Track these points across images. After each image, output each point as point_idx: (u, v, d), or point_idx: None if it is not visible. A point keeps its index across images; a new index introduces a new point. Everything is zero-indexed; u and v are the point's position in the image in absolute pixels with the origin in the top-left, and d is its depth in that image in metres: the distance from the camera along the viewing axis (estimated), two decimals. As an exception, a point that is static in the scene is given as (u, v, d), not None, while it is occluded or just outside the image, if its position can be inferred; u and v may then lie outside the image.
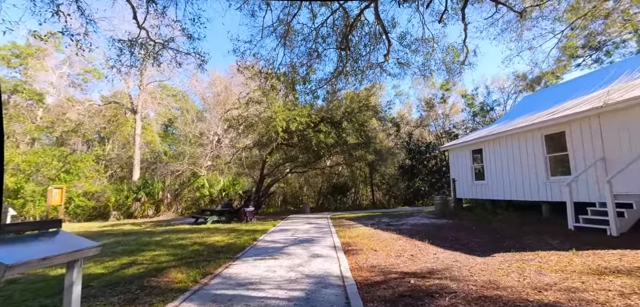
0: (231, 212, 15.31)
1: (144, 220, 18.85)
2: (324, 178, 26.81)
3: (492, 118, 25.37)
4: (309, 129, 15.10)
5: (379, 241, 8.27)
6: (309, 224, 12.81)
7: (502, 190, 11.02)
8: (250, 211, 14.85)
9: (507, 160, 10.79)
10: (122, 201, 20.76)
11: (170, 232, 11.32)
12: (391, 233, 9.36)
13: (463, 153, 13.23)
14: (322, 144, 15.08)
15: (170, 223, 15.78)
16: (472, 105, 25.58)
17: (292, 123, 14.15)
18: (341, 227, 11.57)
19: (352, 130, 16.15)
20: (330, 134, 15.14)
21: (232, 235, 10.11)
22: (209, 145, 22.61)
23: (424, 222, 11.58)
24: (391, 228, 10.51)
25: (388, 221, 12.94)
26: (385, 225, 11.53)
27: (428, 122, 26.40)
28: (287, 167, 23.05)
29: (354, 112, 16.12)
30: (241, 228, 11.95)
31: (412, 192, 24.04)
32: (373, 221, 13.34)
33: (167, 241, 9.09)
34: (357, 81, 10.83)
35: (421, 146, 24.95)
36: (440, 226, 10.23)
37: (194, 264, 6.03)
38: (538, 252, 5.89)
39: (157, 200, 21.81)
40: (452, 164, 14.13)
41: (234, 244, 8.37)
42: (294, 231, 10.90)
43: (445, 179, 24.37)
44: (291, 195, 28.10)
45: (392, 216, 14.87)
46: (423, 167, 24.62)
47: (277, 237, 9.55)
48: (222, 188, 23.49)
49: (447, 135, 26.24)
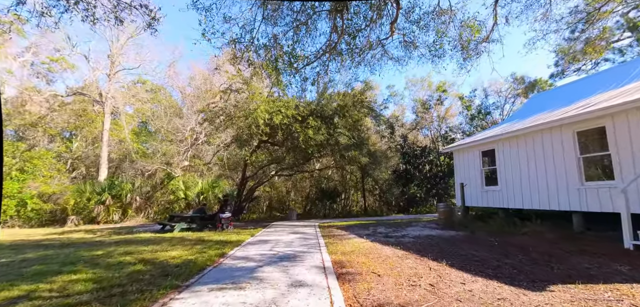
0: (204, 219, 13.26)
1: (105, 226, 16.52)
2: (312, 182, 24.95)
3: (493, 121, 24.15)
4: (295, 123, 13.25)
5: (380, 259, 6.48)
6: (294, 234, 10.92)
7: (519, 197, 9.43)
8: (227, 217, 12.84)
9: (526, 162, 9.23)
10: (83, 204, 18.33)
11: (122, 244, 9.22)
12: (393, 248, 7.59)
13: (471, 155, 11.66)
14: (311, 141, 13.26)
15: (132, 230, 13.59)
16: (469, 108, 24.35)
17: (276, 115, 12.29)
18: (331, 238, 9.73)
19: (345, 128, 14.38)
20: (320, 129, 13.33)
21: (196, 248, 8.12)
22: (184, 142, 20.45)
23: (428, 233, 9.86)
24: (391, 241, 8.74)
25: (385, 230, 11.18)
26: (383, 236, 9.76)
27: (423, 125, 25.01)
28: (273, 170, 21.11)
29: (347, 108, 14.36)
30: (211, 239, 9.95)
31: (407, 198, 22.45)
32: (367, 230, 11.57)
33: (106, 257, 7.03)
34: (353, 64, 9.09)
35: (416, 150, 23.46)
36: (450, 240, 8.51)
37: (116, 300, 4.07)
38: (614, 284, 4.20)
39: (124, 203, 19.43)
40: (457, 167, 12.56)
41: (193, 261, 6.41)
42: (275, 242, 8.99)
43: (442, 185, 22.90)
44: (277, 200, 26.09)
45: (388, 225, 13.13)
46: (418, 173, 23.10)
47: (252, 251, 7.63)
48: (200, 191, 21.32)
49: (443, 139, 24.88)
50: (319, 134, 13.09)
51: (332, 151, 14.52)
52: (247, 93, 12.60)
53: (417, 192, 22.04)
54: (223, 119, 13.51)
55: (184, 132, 20.20)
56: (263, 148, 17.80)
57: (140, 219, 19.30)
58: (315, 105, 14.43)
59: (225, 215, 12.79)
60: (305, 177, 24.88)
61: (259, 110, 11.97)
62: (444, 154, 23.93)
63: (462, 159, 12.24)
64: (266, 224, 15.99)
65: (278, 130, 12.98)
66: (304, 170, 21.73)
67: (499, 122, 24.98)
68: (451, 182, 23.39)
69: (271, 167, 21.13)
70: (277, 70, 10.10)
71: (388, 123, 22.97)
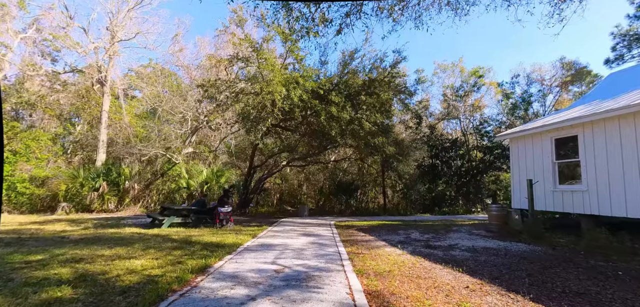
0: (201, 213, 11.24)
1: (96, 216, 14.82)
2: (326, 175, 22.67)
3: (535, 113, 21.03)
4: (315, 99, 10.90)
5: (440, 291, 4.15)
6: (306, 236, 8.68)
7: (622, 201, 6.80)
8: (226, 212, 10.75)
9: (637, 153, 6.58)
10: (75, 190, 16.73)
11: (84, 243, 7.25)
12: (451, 269, 5.22)
13: (538, 144, 8.95)
14: (334, 121, 10.89)
15: (119, 223, 11.72)
16: (509, 96, 21.25)
17: (293, 90, 9.98)
18: (355, 245, 7.44)
19: (374, 108, 11.84)
20: (346, 107, 10.91)
21: (173, 255, 6.00)
22: (184, 125, 18.51)
23: (485, 245, 7.40)
24: (438, 255, 6.38)
25: (421, 236, 8.79)
26: (423, 246, 7.40)
27: (454, 115, 22.15)
28: (284, 160, 18.96)
29: (376, 83, 11.80)
30: (201, 239, 7.83)
31: (433, 197, 19.81)
32: (398, 235, 9.22)
33: (38, 267, 5.00)
34: (395, 12, 6.57)
35: (446, 142, 20.72)
36: (528, 258, 6.04)
37: None
38: None
39: (122, 191, 17.75)
40: (515, 160, 9.88)
41: (155, 281, 4.27)
42: (281, 250, 6.77)
43: (476, 182, 20.13)
44: (288, 193, 23.99)
45: (421, 228, 10.72)
46: (447, 168, 20.39)
47: (247, 265, 5.43)
48: (204, 180, 19.48)
49: (476, 132, 21.97)
50: (344, 112, 10.67)
51: (354, 136, 12.12)
52: (256, 62, 10.33)
53: (446, 190, 19.38)
54: (227, 95, 11.39)
55: (185, 113, 18.20)
56: (273, 133, 15.62)
57: (137, 209, 17.58)
58: (338, 79, 11.97)
59: (225, 209, 10.69)
60: (319, 170, 22.63)
61: (274, 83, 9.71)
62: (479, 147, 21.09)
63: (522, 150, 9.55)
64: (274, 220, 13.88)
65: (295, 109, 10.68)
66: (318, 160, 19.47)
67: (543, 115, 21.83)
68: (486, 180, 20.58)
69: (282, 156, 18.99)
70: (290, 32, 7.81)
71: (415, 112, 20.31)
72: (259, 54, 10.08)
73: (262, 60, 10.17)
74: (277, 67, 10.45)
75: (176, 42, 19.80)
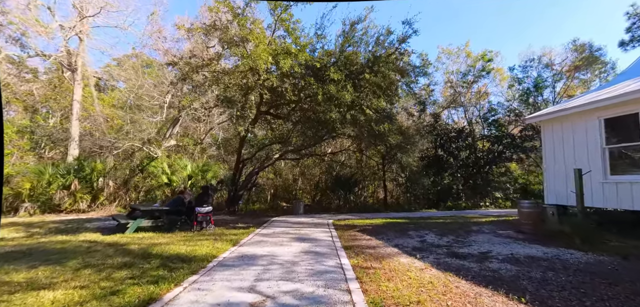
0: (176, 214, 9.57)
1: (62, 218, 13.09)
2: (322, 169, 21.06)
3: (546, 102, 19.48)
4: (309, 77, 9.22)
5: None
6: (300, 242, 7.08)
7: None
8: (206, 212, 9.10)
9: None
10: (42, 188, 14.90)
11: (11, 258, 5.57)
12: (503, 297, 3.69)
13: (579, 127, 7.34)
14: (333, 103, 9.23)
15: (81, 226, 10.02)
16: (521, 81, 19.69)
17: (284, 59, 8.26)
18: (362, 255, 5.86)
19: (379, 88, 10.10)
20: (346, 86, 9.19)
21: (114, 278, 4.37)
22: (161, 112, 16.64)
23: (529, 253, 5.86)
24: (473, 269, 4.85)
25: (439, 240, 7.25)
26: (447, 254, 5.87)
27: (459, 104, 20.57)
28: (276, 152, 17.29)
29: (383, 61, 10.04)
30: (164, 251, 6.17)
31: (438, 191, 18.31)
32: (410, 237, 7.69)
33: None
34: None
35: (451, 132, 19.20)
36: (603, 274, 4.51)
37: None
38: None
39: (96, 189, 15.97)
40: (548, 147, 8.27)
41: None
42: (265, 266, 5.17)
43: (484, 174, 18.65)
44: (283, 188, 22.33)
45: (435, 229, 9.20)
46: (454, 159, 18.89)
47: (209, 298, 3.82)
48: (189, 175, 17.76)
49: (483, 121, 20.47)
50: (344, 92, 8.97)
51: (355, 123, 10.46)
52: (237, 29, 8.60)
53: (452, 183, 17.89)
54: (206, 76, 9.64)
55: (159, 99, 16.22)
56: (263, 122, 13.92)
57: (113, 208, 15.83)
58: (338, 54, 10.22)
59: (204, 209, 9.03)
60: (314, 164, 21.01)
61: (259, 51, 7.98)
62: (486, 137, 19.61)
63: (558, 134, 7.93)
64: (265, 219, 12.27)
65: (285, 88, 8.98)
66: (314, 153, 17.86)
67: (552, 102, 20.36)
68: (496, 171, 19.12)
69: (274, 149, 17.33)
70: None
71: (419, 98, 18.72)
72: (241, 20, 8.35)
73: (242, 25, 8.42)
74: (262, 36, 8.72)
75: (154, 23, 17.90)
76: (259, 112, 11.80)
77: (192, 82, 9.93)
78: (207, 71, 9.79)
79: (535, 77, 19.35)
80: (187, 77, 9.90)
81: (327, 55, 9.99)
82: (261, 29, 9.03)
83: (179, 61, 9.99)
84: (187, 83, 10.10)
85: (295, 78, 9.15)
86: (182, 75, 9.97)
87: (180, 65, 9.83)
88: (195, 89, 9.99)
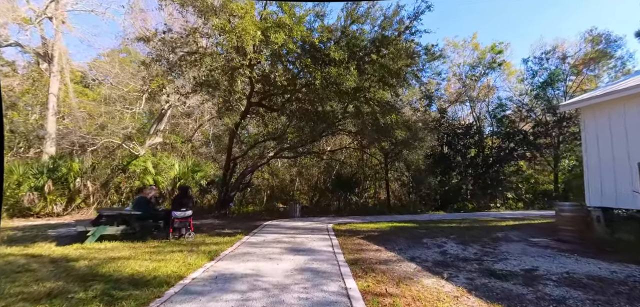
0: (153, 218, 8.22)
1: (28, 223, 11.74)
2: (320, 169, 19.73)
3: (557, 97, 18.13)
4: (307, 59, 7.87)
5: None
6: (293, 255, 5.75)
7: None
8: (184, 216, 7.74)
9: None
10: (10, 190, 13.49)
11: None
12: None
13: (633, 113, 6.01)
14: (333, 89, 7.88)
15: (40, 234, 8.65)
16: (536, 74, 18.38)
17: (275, 34, 6.91)
18: (372, 274, 4.56)
19: (387, 73, 8.70)
20: (350, 68, 7.82)
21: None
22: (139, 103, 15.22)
23: (592, 272, 4.59)
24: (525, 297, 3.52)
25: (459, 249, 5.95)
26: (482, 273, 4.60)
27: (469, 97, 19.24)
28: (271, 150, 15.95)
29: (392, 42, 8.65)
30: (120, 269, 4.83)
31: (446, 191, 17.01)
32: (425, 247, 6.42)
33: None
34: None
35: (459, 128, 17.93)
36: None
37: None
38: None
39: (73, 190, 14.59)
40: (593, 139, 6.88)
41: None
42: (245, 292, 3.86)
43: (494, 173, 17.36)
44: (280, 189, 20.98)
45: (452, 234, 7.93)
46: (461, 158, 17.62)
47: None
48: (177, 176, 16.46)
49: (491, 117, 19.21)
50: (347, 77, 7.59)
51: (357, 115, 9.11)
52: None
53: (461, 183, 16.60)
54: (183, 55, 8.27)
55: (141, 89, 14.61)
56: (255, 115, 12.58)
57: (91, 211, 14.42)
58: (341, 31, 8.82)
59: (181, 214, 7.67)
60: (313, 164, 19.67)
61: (245, 23, 6.64)
62: (496, 133, 18.35)
63: (605, 122, 6.52)
64: (257, 223, 10.94)
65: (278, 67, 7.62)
66: (311, 151, 16.53)
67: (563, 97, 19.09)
68: (506, 170, 17.85)
69: (268, 146, 15.99)
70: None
71: (425, 92, 17.45)
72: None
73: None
74: (250, 6, 7.35)
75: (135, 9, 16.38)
76: (250, 103, 10.46)
77: (168, 62, 8.58)
78: (185, 50, 8.42)
79: (553, 69, 18.03)
80: (161, 57, 8.54)
81: (327, 31, 8.62)
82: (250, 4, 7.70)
83: (152, 37, 8.65)
84: (161, 65, 8.75)
85: (290, 60, 7.83)
86: (157, 56, 8.60)
87: (153, 42, 8.50)
88: (171, 69, 8.62)
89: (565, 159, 17.69)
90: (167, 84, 9.03)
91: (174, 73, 8.90)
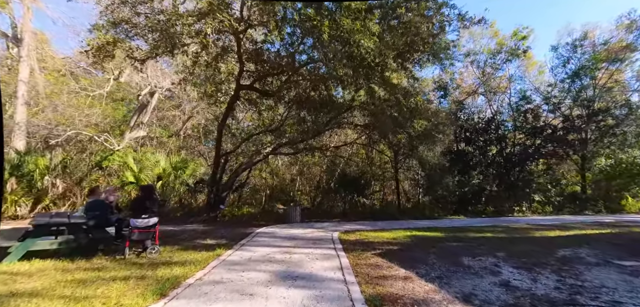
0: (106, 225, 6.36)
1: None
2: (322, 168, 17.86)
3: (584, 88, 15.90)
4: (310, 11, 5.93)
5: None
6: (286, 289, 3.82)
7: None
8: (146, 226, 5.87)
9: None
10: (-34, 188, 11.67)
11: None
12: None
13: None
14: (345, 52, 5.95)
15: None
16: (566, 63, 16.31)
17: None
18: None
19: (416, 37, 6.75)
20: (369, 23, 5.83)
21: None
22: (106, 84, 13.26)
23: None
24: None
25: (528, 279, 4.02)
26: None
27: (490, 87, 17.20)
28: (268, 145, 14.10)
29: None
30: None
31: (464, 192, 15.03)
32: (470, 271, 4.53)
33: None
34: None
35: (479, 122, 15.98)
36: None
37: None
38: None
39: (41, 190, 12.82)
40: None
41: None
42: None
43: (515, 173, 15.38)
44: (279, 189, 19.12)
45: (500, 249, 6.04)
46: (482, 156, 15.66)
47: None
48: (161, 173, 14.67)
49: (513, 110, 17.19)
50: (364, 34, 5.62)
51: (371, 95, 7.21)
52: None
53: (483, 183, 14.65)
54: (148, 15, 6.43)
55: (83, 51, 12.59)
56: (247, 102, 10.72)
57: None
58: None
59: (141, 222, 5.80)
60: (314, 162, 17.81)
61: None
62: (521, 129, 16.35)
63: None
64: (248, 231, 9.09)
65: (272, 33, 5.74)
66: (313, 146, 14.67)
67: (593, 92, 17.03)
68: (533, 169, 15.86)
69: (265, 141, 14.14)
70: None
71: (441, 83, 15.45)
72: None
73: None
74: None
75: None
76: (240, 86, 8.59)
77: (126, 23, 6.75)
78: (146, 8, 6.55)
79: (586, 57, 15.96)
80: (117, 23, 6.67)
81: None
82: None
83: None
84: (118, 31, 6.92)
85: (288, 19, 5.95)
86: (114, 21, 6.74)
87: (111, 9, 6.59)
88: (126, 32, 6.82)
89: (600, 158, 15.67)
90: (115, 44, 7.11)
91: (127, 35, 6.97)
